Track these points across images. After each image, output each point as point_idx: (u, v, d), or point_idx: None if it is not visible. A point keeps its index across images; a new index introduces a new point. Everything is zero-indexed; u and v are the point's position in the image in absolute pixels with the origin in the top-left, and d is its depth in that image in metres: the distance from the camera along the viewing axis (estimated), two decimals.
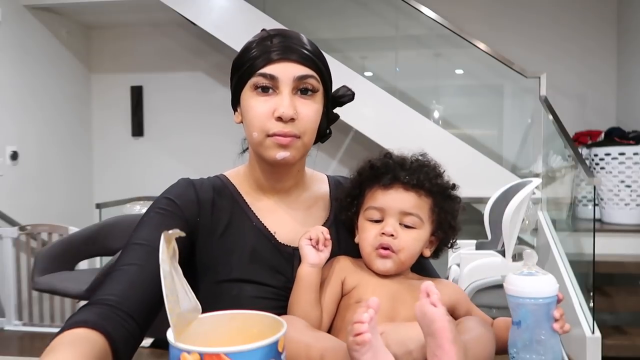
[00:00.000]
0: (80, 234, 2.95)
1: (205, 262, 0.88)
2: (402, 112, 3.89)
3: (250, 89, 0.86)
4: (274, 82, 0.84)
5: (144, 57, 4.91)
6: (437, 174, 0.89)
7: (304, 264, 0.83)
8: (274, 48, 0.85)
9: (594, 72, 4.49)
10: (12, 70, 4.04)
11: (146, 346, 3.12)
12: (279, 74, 0.84)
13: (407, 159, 0.89)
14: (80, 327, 0.69)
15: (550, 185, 3.83)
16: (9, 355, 3.20)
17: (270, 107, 0.84)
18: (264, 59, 0.85)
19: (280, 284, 0.86)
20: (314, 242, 0.83)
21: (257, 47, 0.86)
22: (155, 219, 0.86)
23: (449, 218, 0.88)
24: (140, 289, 0.77)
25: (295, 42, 0.87)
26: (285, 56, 0.85)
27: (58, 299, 3.68)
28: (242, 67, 0.87)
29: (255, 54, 0.86)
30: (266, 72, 0.84)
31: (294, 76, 0.84)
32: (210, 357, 0.49)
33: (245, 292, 0.85)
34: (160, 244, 0.55)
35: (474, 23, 4.34)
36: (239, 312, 0.60)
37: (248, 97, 0.86)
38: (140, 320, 0.76)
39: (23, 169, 4.10)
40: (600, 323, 2.90)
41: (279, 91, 0.85)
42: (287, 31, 0.90)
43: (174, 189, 0.90)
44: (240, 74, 0.87)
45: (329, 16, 4.68)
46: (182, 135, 4.86)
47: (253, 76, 0.85)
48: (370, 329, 0.63)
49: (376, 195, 0.87)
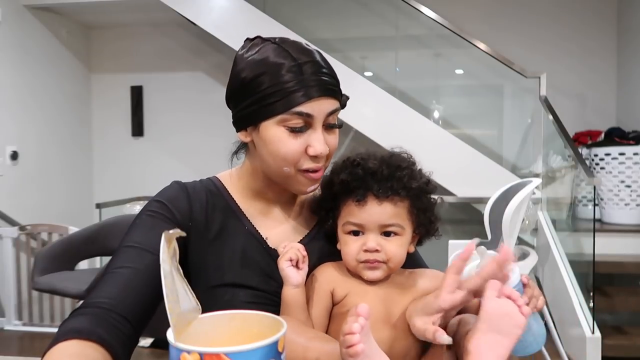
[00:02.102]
0: (80, 234, 2.95)
1: (197, 266, 0.87)
2: (402, 112, 3.89)
3: (278, 122, 0.81)
4: (309, 119, 0.81)
5: (144, 57, 4.91)
6: (411, 174, 0.84)
7: (288, 286, 0.81)
8: (312, 82, 0.80)
9: (594, 72, 4.49)
10: (12, 70, 4.04)
11: (146, 346, 3.13)
12: (315, 112, 0.81)
13: (377, 166, 0.83)
14: (74, 338, 0.68)
15: (550, 185, 3.83)
16: (9, 355, 3.20)
17: (302, 144, 0.82)
18: (304, 95, 0.79)
19: (272, 289, 0.85)
20: (294, 263, 0.81)
21: (289, 76, 0.79)
22: (147, 222, 0.85)
23: (428, 214, 0.86)
24: (134, 292, 0.77)
25: (326, 71, 0.83)
26: (324, 94, 0.81)
27: (58, 299, 3.68)
28: (270, 97, 0.80)
29: (291, 87, 0.79)
30: (303, 110, 0.79)
31: (326, 113, 0.82)
32: (210, 357, 0.48)
33: (238, 297, 0.84)
34: (161, 243, 0.55)
35: (473, 23, 4.34)
36: (239, 312, 0.60)
37: (275, 130, 0.81)
38: (135, 322, 0.76)
39: (23, 169, 4.10)
40: (600, 323, 2.90)
41: (312, 128, 0.82)
42: (312, 53, 0.84)
43: (166, 192, 0.90)
44: (265, 104, 0.80)
45: (329, 16, 4.68)
46: (182, 135, 4.86)
47: (286, 113, 0.80)
48: (363, 337, 0.63)
49: (352, 210, 0.83)
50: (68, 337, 0.68)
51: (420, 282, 0.85)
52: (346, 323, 0.64)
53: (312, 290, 0.84)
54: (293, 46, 0.83)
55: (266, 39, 0.86)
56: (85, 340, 0.68)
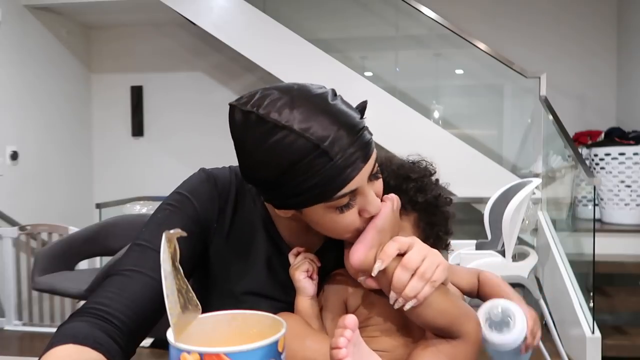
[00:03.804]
0: (80, 234, 2.95)
1: (219, 269, 0.83)
2: (402, 112, 3.89)
3: (324, 207, 0.71)
4: (356, 191, 0.71)
5: (144, 57, 4.91)
6: (420, 187, 0.82)
7: (303, 297, 0.80)
8: (350, 159, 0.67)
9: (594, 72, 4.49)
10: (12, 70, 4.04)
11: (146, 346, 3.12)
12: (361, 183, 0.70)
13: (387, 177, 0.82)
14: (70, 342, 0.66)
15: (550, 185, 3.83)
16: (9, 355, 3.20)
17: (355, 212, 0.73)
18: (347, 176, 0.68)
19: (292, 300, 0.83)
20: (309, 274, 0.80)
21: (321, 162, 0.67)
22: (163, 217, 0.80)
23: (435, 230, 0.84)
24: (136, 297, 0.74)
25: (356, 128, 0.69)
26: (365, 161, 0.70)
27: (58, 299, 3.68)
28: (307, 192, 0.69)
29: (330, 174, 0.67)
30: (348, 191, 0.69)
31: (369, 172, 0.72)
32: (210, 357, 0.48)
33: (259, 307, 0.79)
34: (162, 243, 0.55)
35: (474, 23, 4.34)
36: (239, 312, 0.60)
37: (322, 213, 0.72)
38: (135, 329, 0.73)
39: (23, 169, 4.10)
40: (600, 323, 2.90)
41: (359, 194, 0.72)
42: (333, 114, 0.68)
43: (192, 184, 0.83)
44: (301, 199, 0.70)
45: (329, 16, 4.68)
46: (182, 135, 4.86)
47: (332, 200, 0.70)
48: (351, 349, 0.63)
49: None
50: (64, 342, 0.66)
51: None
52: (334, 336, 0.64)
53: (326, 300, 0.83)
54: (303, 119, 0.66)
55: (263, 118, 0.67)
56: (82, 345, 0.66)
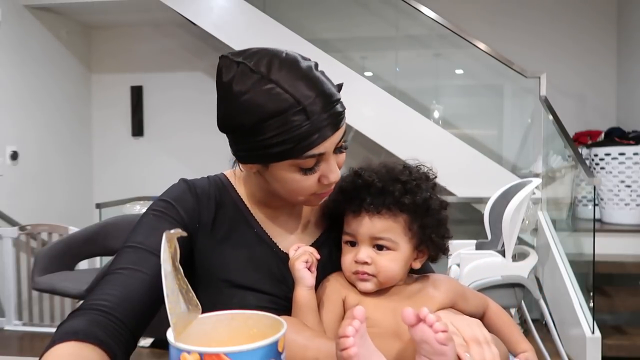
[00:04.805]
0: (80, 234, 2.95)
1: (205, 268, 0.86)
2: (402, 112, 3.89)
3: (289, 165, 0.78)
4: (322, 156, 0.78)
5: (144, 57, 4.91)
6: (408, 189, 0.82)
7: (301, 287, 0.81)
8: (323, 122, 0.74)
9: (594, 72, 4.49)
10: (12, 70, 4.04)
11: (146, 346, 3.13)
12: (328, 149, 0.77)
13: (371, 179, 0.83)
14: (72, 339, 0.67)
15: (550, 185, 3.83)
16: (9, 355, 3.20)
17: (316, 177, 0.80)
18: (318, 138, 0.75)
19: (282, 294, 0.85)
20: (308, 265, 0.81)
21: (297, 120, 0.73)
22: (151, 222, 0.84)
23: (428, 233, 0.83)
24: (133, 294, 0.76)
25: (332, 98, 0.76)
26: (336, 129, 0.77)
27: (58, 299, 3.68)
28: (278, 146, 0.74)
29: (302, 133, 0.73)
30: (316, 152, 0.76)
31: (337, 142, 0.79)
32: (210, 357, 0.48)
33: (247, 300, 0.83)
34: (162, 243, 0.55)
35: (473, 23, 4.34)
36: (239, 312, 0.60)
37: (286, 171, 0.79)
38: (134, 325, 0.75)
39: (23, 169, 4.10)
40: (600, 323, 2.91)
41: (324, 161, 0.79)
42: (312, 79, 0.75)
43: (173, 191, 0.88)
44: (273, 152, 0.75)
45: (329, 16, 4.68)
46: (182, 135, 4.86)
47: (299, 158, 0.76)
48: (358, 340, 0.63)
49: (349, 220, 0.85)
50: (65, 339, 0.67)
51: (432, 291, 0.84)
52: (342, 326, 0.64)
53: (324, 297, 0.83)
54: (289, 78, 0.74)
55: (252, 69, 0.74)
56: (83, 341, 0.67)
